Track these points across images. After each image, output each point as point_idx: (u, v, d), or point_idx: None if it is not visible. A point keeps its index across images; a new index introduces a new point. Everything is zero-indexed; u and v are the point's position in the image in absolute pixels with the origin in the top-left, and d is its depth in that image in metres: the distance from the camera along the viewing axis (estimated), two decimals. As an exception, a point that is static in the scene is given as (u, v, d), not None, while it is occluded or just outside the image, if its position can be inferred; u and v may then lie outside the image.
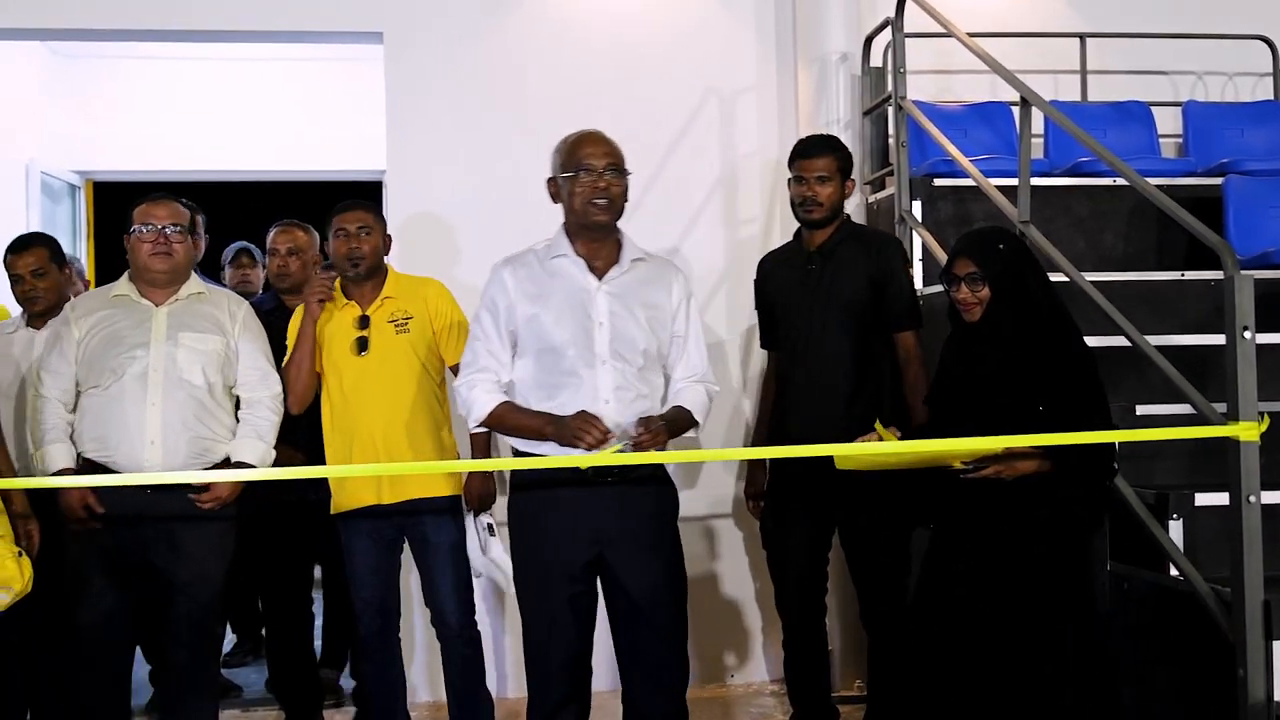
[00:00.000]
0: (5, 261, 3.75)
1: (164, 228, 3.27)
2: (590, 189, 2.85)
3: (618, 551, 2.86)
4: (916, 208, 4.19)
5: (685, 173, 4.62)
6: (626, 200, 2.93)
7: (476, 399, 2.90)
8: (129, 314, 3.29)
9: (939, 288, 3.79)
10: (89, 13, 4.49)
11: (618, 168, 2.90)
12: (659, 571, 2.91)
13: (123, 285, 3.35)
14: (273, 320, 3.62)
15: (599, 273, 2.90)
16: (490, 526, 3.55)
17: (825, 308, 3.51)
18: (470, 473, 3.48)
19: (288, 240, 4.07)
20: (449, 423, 3.57)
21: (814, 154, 3.56)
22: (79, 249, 6.56)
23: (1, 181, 5.86)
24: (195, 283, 3.39)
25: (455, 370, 3.21)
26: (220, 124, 6.68)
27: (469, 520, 3.50)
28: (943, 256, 3.75)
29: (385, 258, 3.60)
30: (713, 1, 4.69)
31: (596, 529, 2.84)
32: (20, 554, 2.96)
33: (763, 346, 3.85)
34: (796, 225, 4.44)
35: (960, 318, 2.98)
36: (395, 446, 3.43)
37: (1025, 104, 3.64)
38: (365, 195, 6.93)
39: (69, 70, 6.49)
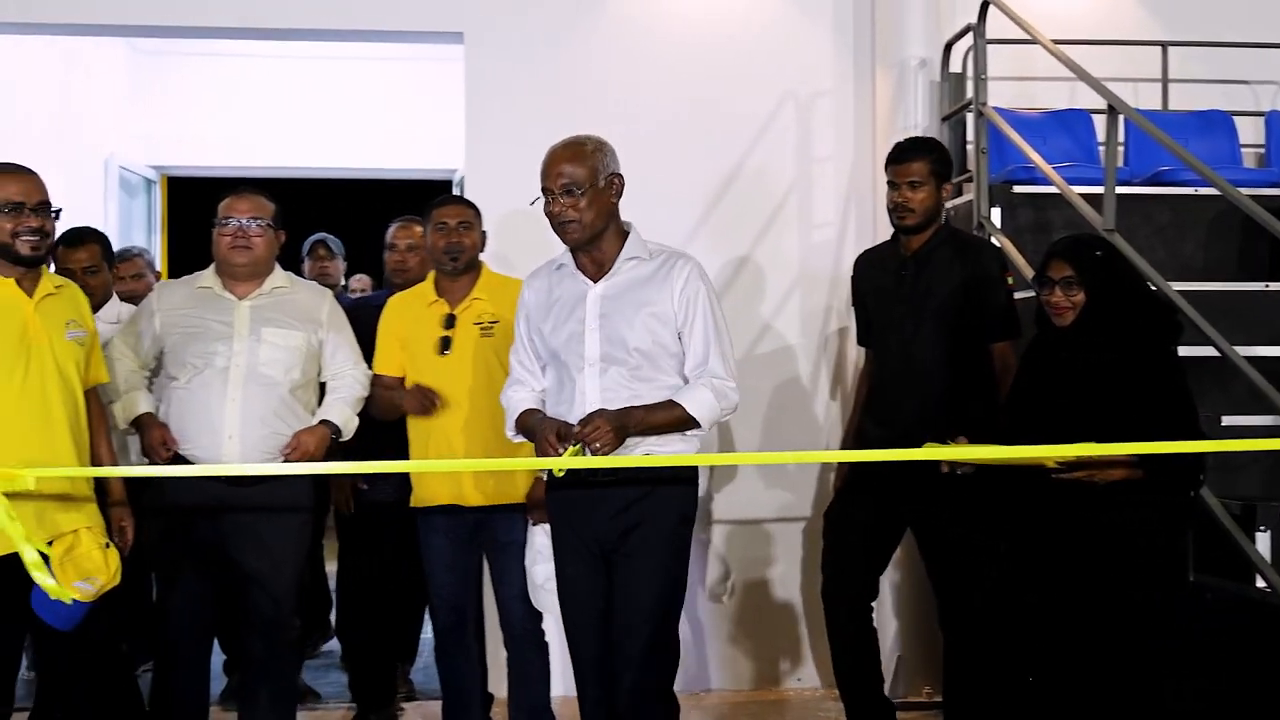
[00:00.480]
0: (57, 255, 3.76)
1: (244, 221, 3.29)
2: (550, 216, 2.87)
3: (613, 551, 2.89)
4: (995, 214, 4.17)
5: (761, 175, 4.64)
6: (599, 209, 2.85)
7: (509, 410, 3.02)
8: (212, 307, 3.31)
9: (1018, 294, 3.79)
10: (170, 9, 4.57)
11: (573, 187, 2.82)
12: (638, 571, 2.86)
13: (208, 277, 3.38)
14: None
15: (597, 277, 2.92)
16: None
17: (918, 314, 3.47)
18: (534, 481, 3.39)
19: (407, 236, 4.07)
20: None
21: (906, 158, 3.49)
22: (153, 243, 6.71)
23: (82, 175, 5.99)
24: (279, 276, 3.40)
25: None
26: (292, 121, 6.81)
27: (529, 529, 3.43)
28: (1022, 263, 3.77)
29: (481, 255, 3.61)
30: (791, 7, 4.70)
31: (597, 529, 2.88)
32: (108, 545, 2.97)
33: (859, 344, 3.82)
34: (871, 229, 4.49)
35: (1048, 322, 2.99)
36: (471, 449, 3.40)
37: (1112, 112, 3.63)
38: (434, 194, 7.09)
39: (148, 66, 6.64)
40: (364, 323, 3.58)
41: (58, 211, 3.01)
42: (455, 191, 6.86)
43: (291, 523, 3.34)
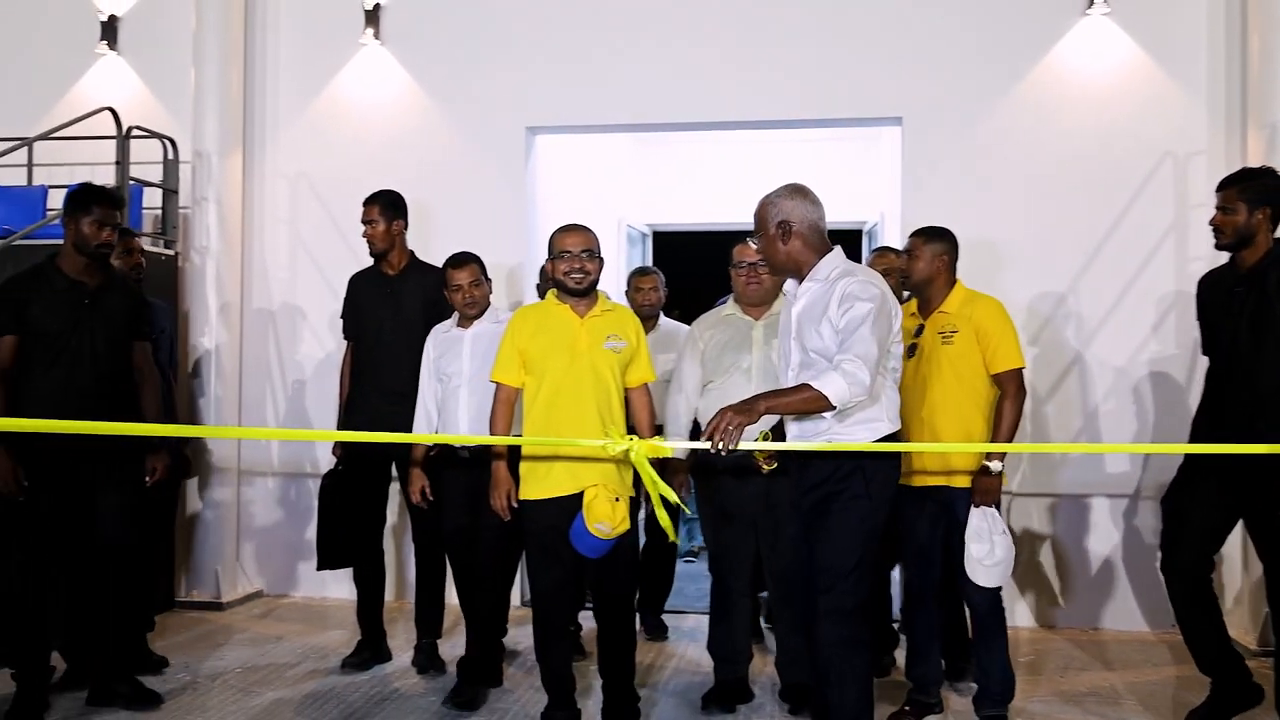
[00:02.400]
0: (447, 275, 4.59)
1: (754, 264, 4.33)
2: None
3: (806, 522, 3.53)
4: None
5: (1143, 220, 5.70)
6: (773, 250, 3.51)
7: None
8: (735, 328, 4.41)
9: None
10: (669, 111, 6.22)
11: (754, 233, 3.60)
12: (821, 539, 3.46)
13: (730, 307, 4.49)
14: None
15: None
16: (1007, 528, 4.07)
17: (1248, 324, 3.88)
18: (980, 467, 4.07)
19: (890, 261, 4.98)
20: (985, 427, 4.12)
21: (1222, 187, 4.00)
22: (642, 283, 8.63)
23: (602, 232, 7.88)
24: (778, 303, 4.29)
25: (1006, 377, 4.06)
26: (739, 185, 8.34)
27: (970, 510, 4.06)
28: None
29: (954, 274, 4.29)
30: (1171, 79, 5.74)
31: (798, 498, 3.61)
32: (616, 500, 3.82)
33: (1203, 353, 4.30)
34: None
35: None
36: (936, 435, 4.11)
37: None
38: (851, 240, 8.57)
39: (644, 151, 8.60)
40: None
41: (600, 258, 4.05)
42: (867, 238, 8.30)
43: None
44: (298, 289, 6.43)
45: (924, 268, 4.22)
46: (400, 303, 4.95)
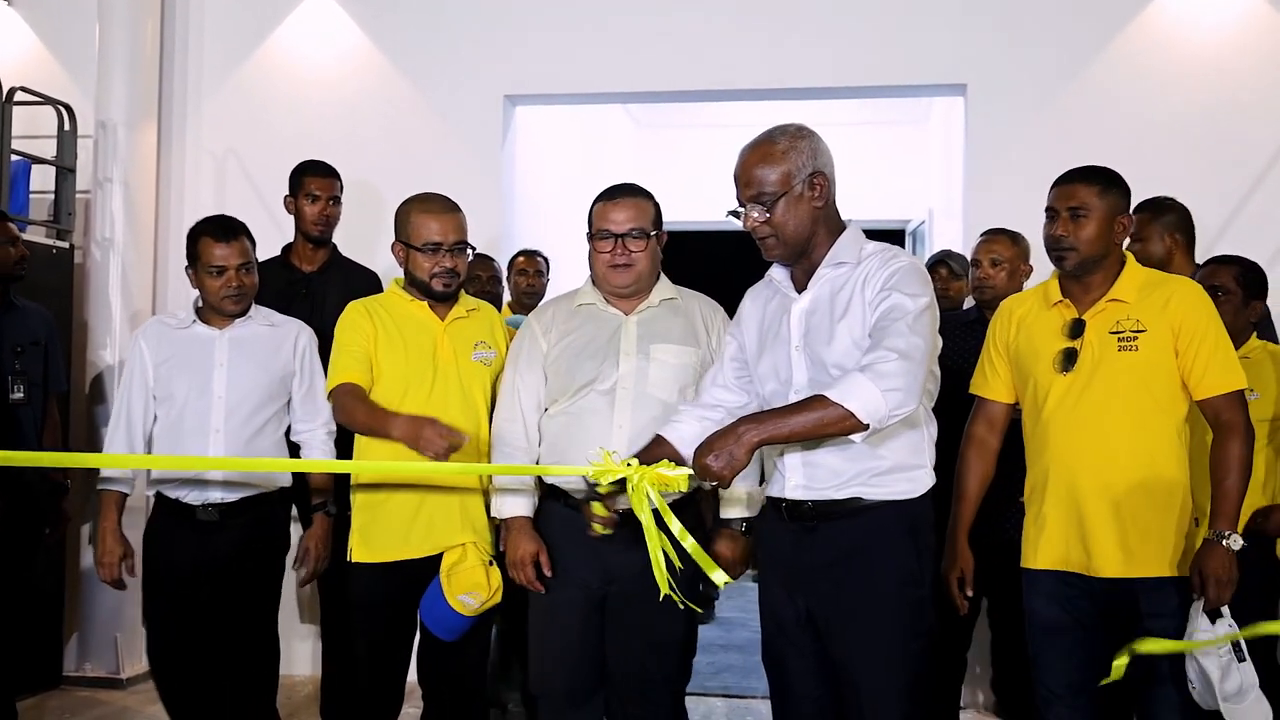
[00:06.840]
0: (200, 249, 3.33)
1: (627, 234, 2.86)
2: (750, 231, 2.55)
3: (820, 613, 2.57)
4: None
5: (1270, 207, 4.65)
6: (799, 218, 2.44)
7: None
8: (597, 325, 2.93)
9: None
10: (676, 78, 5.18)
11: (764, 197, 2.44)
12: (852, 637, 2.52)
13: (588, 293, 2.99)
14: (976, 330, 3.58)
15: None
16: (1237, 646, 2.57)
17: None
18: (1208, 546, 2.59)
19: (989, 252, 3.98)
20: (1186, 476, 2.67)
21: None
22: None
23: (598, 229, 6.92)
24: (666, 286, 2.98)
25: (1224, 405, 2.63)
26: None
27: (1194, 610, 2.59)
28: None
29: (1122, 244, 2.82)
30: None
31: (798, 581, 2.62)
32: (490, 563, 3.01)
33: None
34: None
35: None
36: (1101, 486, 2.66)
37: None
38: (896, 241, 7.55)
39: (646, 137, 7.57)
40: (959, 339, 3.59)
41: (472, 249, 3.14)
42: (911, 240, 7.26)
43: None
44: (224, 291, 5.32)
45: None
46: (321, 309, 3.85)
